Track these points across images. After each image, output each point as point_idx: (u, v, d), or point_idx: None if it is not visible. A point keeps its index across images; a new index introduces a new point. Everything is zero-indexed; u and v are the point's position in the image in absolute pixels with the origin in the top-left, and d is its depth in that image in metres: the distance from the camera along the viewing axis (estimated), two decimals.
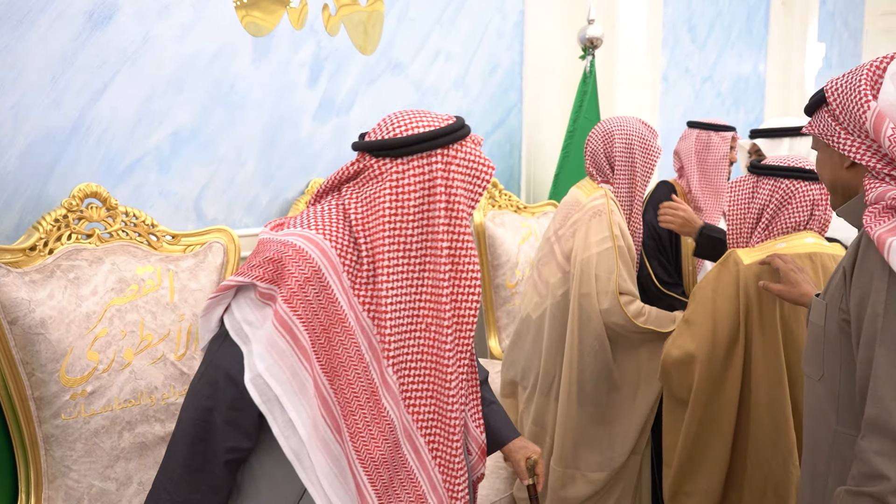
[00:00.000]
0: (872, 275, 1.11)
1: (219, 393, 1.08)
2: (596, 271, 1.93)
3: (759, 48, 5.75)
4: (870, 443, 1.07)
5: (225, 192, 2.11)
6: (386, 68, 2.58)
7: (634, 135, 2.08)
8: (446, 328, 1.15)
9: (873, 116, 1.12)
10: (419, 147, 1.13)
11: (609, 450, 2.01)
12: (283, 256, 1.09)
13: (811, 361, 1.28)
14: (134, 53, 1.86)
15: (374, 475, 1.11)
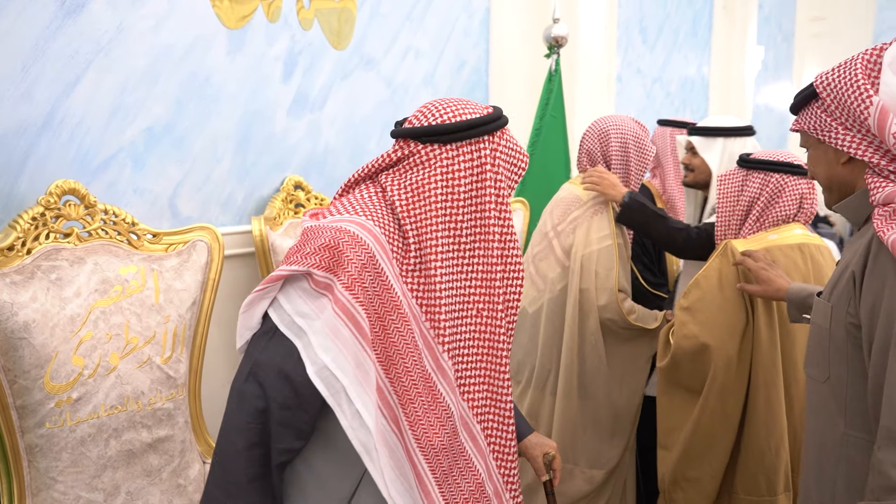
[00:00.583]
0: (885, 280, 1.09)
1: (271, 392, 1.03)
2: (596, 268, 1.96)
3: (704, 50, 5.93)
4: (887, 454, 1.05)
5: (200, 190, 2.04)
6: (358, 64, 2.54)
7: (629, 134, 2.12)
8: (500, 312, 1.14)
9: (877, 112, 1.10)
10: (470, 133, 1.12)
11: (608, 446, 2.04)
12: (339, 242, 1.05)
13: (816, 363, 1.26)
14: (108, 44, 1.77)
15: (435, 463, 1.08)
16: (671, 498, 1.79)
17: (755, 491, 1.77)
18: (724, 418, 1.71)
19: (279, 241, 2.05)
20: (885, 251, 1.10)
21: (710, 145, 2.28)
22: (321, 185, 2.43)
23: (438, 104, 1.16)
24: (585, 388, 2.03)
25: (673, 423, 1.78)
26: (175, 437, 1.63)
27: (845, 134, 1.17)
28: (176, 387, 1.63)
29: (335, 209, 1.14)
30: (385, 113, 2.68)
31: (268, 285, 1.07)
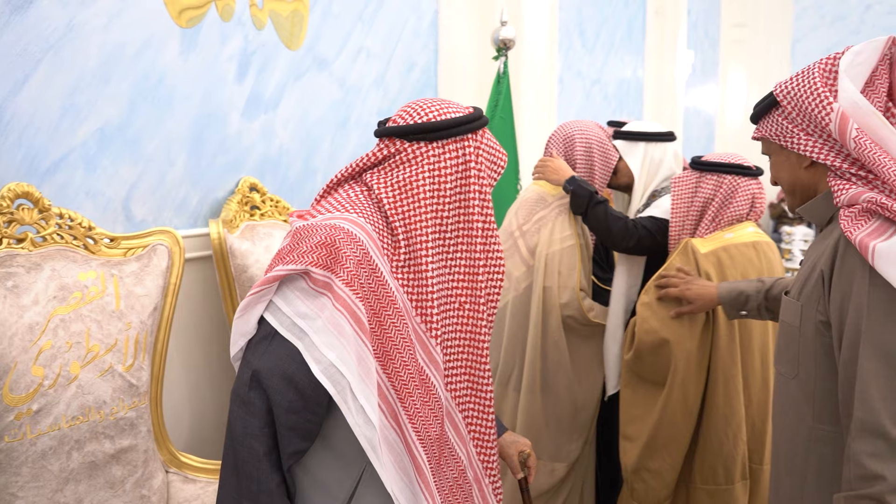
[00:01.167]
0: (853, 277, 1.13)
1: (276, 398, 1.02)
2: (559, 267, 2.01)
3: (638, 54, 6.12)
4: (861, 445, 1.09)
5: (154, 192, 1.98)
6: (311, 64, 2.52)
7: (594, 138, 2.19)
8: (482, 304, 1.16)
9: (837, 118, 1.14)
10: (455, 131, 1.14)
11: (568, 440, 2.09)
12: (335, 239, 1.05)
13: (785, 360, 1.30)
14: (57, 42, 1.71)
15: (430, 454, 1.10)
16: (633, 488, 1.86)
17: (713, 480, 1.85)
18: (685, 410, 1.78)
19: (237, 243, 2.02)
20: (852, 250, 1.14)
21: (632, 149, 2.33)
22: (276, 187, 2.40)
23: (422, 104, 1.18)
24: (548, 384, 2.09)
25: (635, 415, 1.85)
26: (138, 447, 1.58)
27: (807, 139, 1.22)
28: (138, 395, 1.59)
29: (323, 209, 1.14)
30: (338, 114, 2.67)
31: (263, 287, 1.06)
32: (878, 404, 1.09)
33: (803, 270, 1.30)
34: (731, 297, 1.70)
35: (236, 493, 1.04)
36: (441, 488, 1.12)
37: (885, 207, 1.12)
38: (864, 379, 1.10)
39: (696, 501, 1.86)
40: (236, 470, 1.04)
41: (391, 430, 1.08)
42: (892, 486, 1.07)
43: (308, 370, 1.02)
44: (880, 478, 1.07)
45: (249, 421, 1.03)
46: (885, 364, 1.10)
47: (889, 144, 1.15)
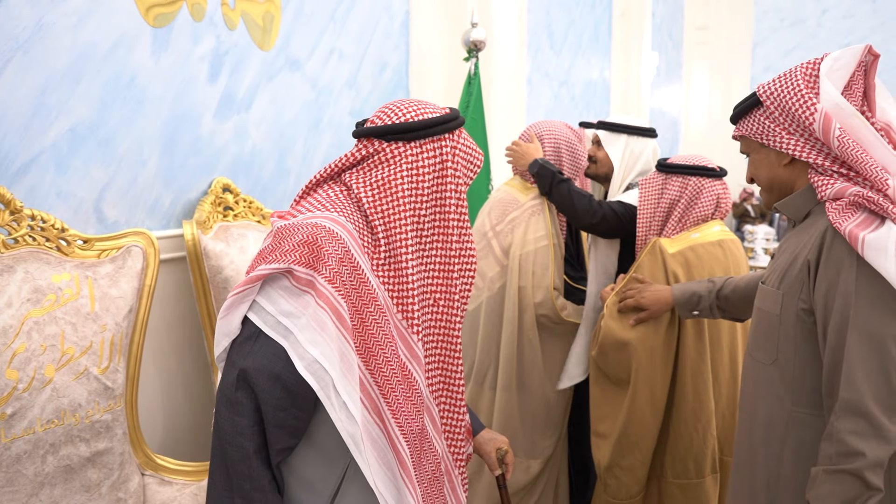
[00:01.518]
0: (840, 267, 1.19)
1: (264, 396, 1.02)
2: (533, 267, 2.04)
3: (605, 55, 6.21)
4: (845, 423, 1.15)
5: (126, 193, 1.96)
6: (284, 65, 2.52)
7: (562, 139, 2.22)
8: (457, 301, 1.19)
9: (821, 118, 1.21)
10: (433, 131, 1.16)
11: (542, 436, 2.13)
12: (317, 238, 1.06)
13: (762, 347, 1.35)
14: (26, 41, 1.69)
15: (412, 448, 1.12)
16: (606, 483, 1.90)
17: (684, 475, 1.90)
18: (653, 407, 1.83)
19: (211, 244, 2.01)
20: (839, 241, 1.21)
21: (614, 140, 2.37)
22: (249, 188, 2.39)
23: (400, 105, 1.20)
24: (523, 382, 2.12)
25: (605, 412, 1.89)
26: (114, 450, 1.57)
27: (789, 138, 1.28)
28: (114, 397, 1.58)
29: (303, 209, 1.15)
30: (311, 115, 2.67)
31: (246, 287, 1.06)
32: (863, 386, 1.16)
33: (781, 261, 1.35)
34: (685, 298, 1.76)
35: (228, 492, 1.04)
36: (421, 481, 1.14)
37: (871, 201, 1.19)
38: (851, 362, 1.17)
39: (668, 496, 1.91)
40: (226, 469, 1.04)
41: (374, 425, 1.09)
42: (871, 462, 1.14)
43: (294, 369, 1.03)
44: (860, 454, 1.14)
45: (238, 420, 1.03)
46: (871, 349, 1.17)
47: (869, 144, 1.23)
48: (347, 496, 1.10)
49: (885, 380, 1.17)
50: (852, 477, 1.15)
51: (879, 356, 1.17)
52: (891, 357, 1.17)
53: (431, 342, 1.20)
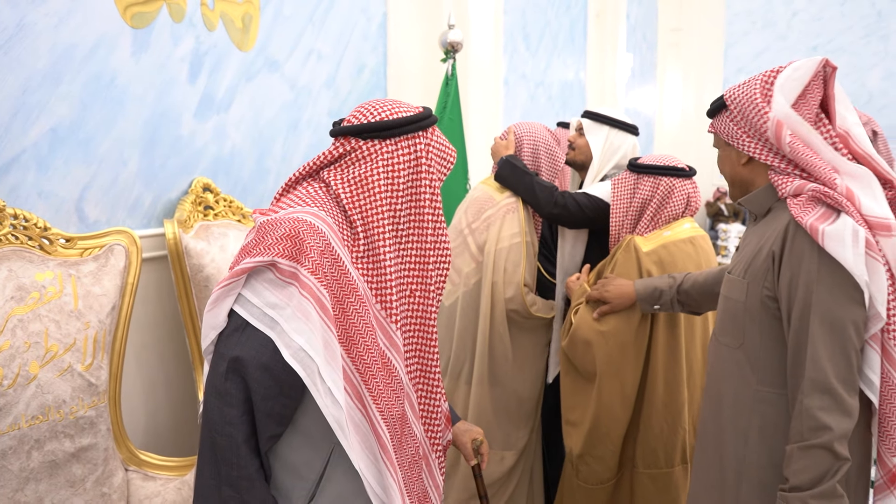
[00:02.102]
0: (802, 257, 1.30)
1: (253, 385, 1.06)
2: (505, 263, 2.09)
3: (580, 56, 6.29)
4: (812, 400, 1.26)
5: (107, 193, 1.98)
6: (263, 66, 2.55)
7: (541, 141, 2.28)
8: (433, 291, 1.23)
9: (773, 125, 1.32)
10: (407, 129, 1.21)
11: (515, 428, 2.18)
12: (299, 231, 1.10)
13: (729, 332, 1.46)
14: (7, 42, 1.70)
15: (392, 432, 1.16)
16: (578, 470, 1.96)
17: (654, 464, 1.97)
18: (622, 400, 1.90)
19: (192, 243, 2.03)
20: (801, 233, 1.31)
21: (596, 130, 2.41)
22: (229, 188, 2.42)
23: (375, 104, 1.24)
24: (495, 376, 2.17)
25: (575, 401, 1.96)
26: (98, 446, 1.59)
27: (749, 141, 1.39)
28: (98, 394, 1.60)
29: (284, 205, 1.19)
30: (290, 115, 2.70)
31: (231, 281, 1.09)
32: (826, 365, 1.26)
33: (746, 252, 1.45)
34: (647, 292, 1.85)
35: (215, 480, 1.07)
36: (402, 464, 1.19)
37: (828, 196, 1.30)
38: (815, 344, 1.27)
39: (638, 484, 1.98)
40: (214, 458, 1.07)
41: (356, 410, 1.13)
42: (838, 435, 1.24)
43: (281, 358, 1.07)
44: (828, 428, 1.24)
45: (227, 411, 1.06)
46: (832, 332, 1.27)
47: (817, 148, 1.34)
48: (332, 480, 1.14)
49: (846, 360, 1.27)
50: (823, 450, 1.24)
51: (840, 339, 1.27)
52: (850, 339, 1.27)
53: (409, 331, 1.25)
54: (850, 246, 1.24)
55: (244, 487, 1.07)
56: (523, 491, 2.27)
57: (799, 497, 1.26)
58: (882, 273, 1.27)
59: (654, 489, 1.95)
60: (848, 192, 1.30)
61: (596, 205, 2.18)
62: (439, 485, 1.33)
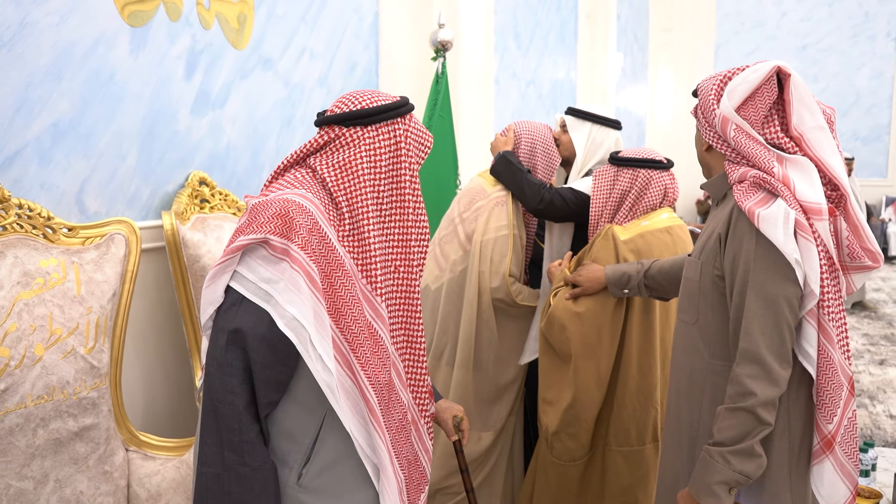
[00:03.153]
0: (742, 239, 1.40)
1: (252, 355, 1.13)
2: (492, 254, 2.18)
3: (571, 56, 6.38)
4: (742, 369, 1.37)
5: (107, 186, 2.05)
6: (257, 64, 2.62)
7: (538, 139, 2.37)
8: (415, 266, 1.32)
9: (720, 120, 1.45)
10: (386, 115, 1.30)
11: (494, 410, 2.26)
12: (288, 210, 1.18)
13: (686, 309, 1.57)
14: (10, 39, 1.77)
15: (381, 398, 1.24)
16: (552, 447, 2.05)
17: (626, 442, 2.06)
18: (597, 380, 1.98)
19: (189, 234, 2.10)
20: (743, 217, 1.41)
21: (579, 126, 2.47)
22: (224, 181, 2.49)
23: (356, 94, 1.33)
24: (479, 360, 2.26)
25: (551, 380, 2.04)
26: (100, 426, 1.67)
27: (708, 129, 1.51)
28: (99, 376, 1.67)
29: (273, 190, 1.27)
30: (283, 112, 2.77)
31: (227, 258, 1.17)
32: (758, 338, 1.36)
33: (703, 235, 1.57)
34: (616, 277, 1.95)
35: (218, 446, 1.15)
36: (390, 428, 1.27)
37: (765, 181, 1.41)
38: (749, 318, 1.38)
39: (610, 462, 2.07)
40: (217, 425, 1.15)
41: (346, 377, 1.21)
42: (762, 401, 1.35)
43: (276, 329, 1.14)
44: (753, 394, 1.35)
45: (228, 380, 1.14)
46: (766, 307, 1.37)
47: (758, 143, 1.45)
48: (326, 443, 1.22)
49: (778, 333, 1.37)
50: (747, 413, 1.36)
51: (773, 313, 1.37)
52: (783, 314, 1.37)
53: (394, 304, 1.33)
54: (781, 227, 1.34)
55: (246, 451, 1.14)
56: (500, 470, 2.35)
57: (719, 451, 1.38)
58: (814, 252, 1.37)
59: (626, 466, 2.04)
60: (784, 178, 1.40)
61: (580, 199, 2.26)
62: (429, 448, 1.41)
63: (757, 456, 1.37)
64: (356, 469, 1.23)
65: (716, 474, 1.37)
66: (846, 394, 1.40)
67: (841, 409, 1.40)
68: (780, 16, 10.41)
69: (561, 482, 2.05)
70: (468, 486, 1.61)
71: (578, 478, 2.05)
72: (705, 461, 1.40)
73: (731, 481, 1.36)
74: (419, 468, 1.38)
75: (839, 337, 1.40)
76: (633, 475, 2.04)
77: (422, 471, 1.39)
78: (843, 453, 1.41)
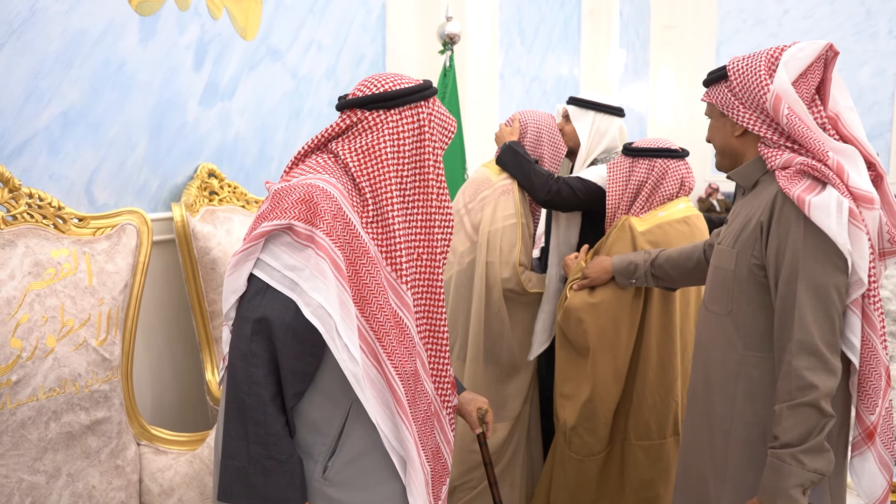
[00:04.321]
0: (789, 227, 1.36)
1: (279, 345, 1.10)
2: (500, 243, 2.14)
3: (574, 52, 6.35)
4: (800, 361, 1.32)
5: (116, 177, 2.02)
6: (265, 55, 2.59)
7: (544, 128, 2.34)
8: (438, 254, 1.29)
9: (773, 98, 1.38)
10: (410, 98, 1.26)
11: (509, 400, 2.23)
12: (312, 195, 1.14)
13: (718, 300, 1.52)
14: (20, 26, 1.74)
15: (407, 388, 1.21)
16: (570, 440, 2.02)
17: (647, 436, 2.03)
18: (615, 372, 1.95)
19: (199, 226, 2.08)
20: (789, 204, 1.37)
21: (582, 116, 2.43)
22: (232, 174, 2.46)
23: (378, 77, 1.29)
24: (490, 352, 2.23)
25: (569, 374, 2.01)
26: (112, 419, 1.64)
27: (745, 112, 1.44)
28: (111, 369, 1.64)
29: (294, 176, 1.23)
30: (291, 104, 2.74)
31: (250, 245, 1.13)
32: (812, 328, 1.33)
33: (735, 224, 1.52)
34: (622, 266, 1.92)
35: (243, 439, 1.11)
36: (416, 419, 1.24)
37: (815, 169, 1.37)
38: (801, 309, 1.34)
39: (630, 456, 2.04)
40: (242, 417, 1.11)
41: (372, 366, 1.18)
42: (823, 393, 1.31)
43: (302, 317, 1.11)
44: (815, 387, 1.31)
45: (253, 371, 1.10)
46: (816, 296, 1.34)
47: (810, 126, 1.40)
48: (352, 435, 1.19)
49: (829, 323, 1.34)
50: (810, 408, 1.31)
51: (824, 302, 1.34)
52: (833, 303, 1.34)
53: (417, 293, 1.30)
54: (834, 216, 1.31)
55: (272, 443, 1.11)
56: (518, 461, 2.32)
57: (789, 453, 1.32)
58: (864, 242, 1.34)
59: (647, 460, 2.02)
60: (838, 167, 1.36)
61: (589, 188, 2.23)
62: (450, 440, 1.38)
63: (826, 451, 1.32)
64: (382, 461, 1.20)
65: (791, 478, 1.31)
66: (884, 384, 1.38)
67: (882, 400, 1.38)
68: (782, 13, 10.39)
69: (579, 477, 2.02)
70: (492, 479, 1.57)
71: (597, 473, 2.03)
72: (775, 466, 1.34)
73: (806, 482, 1.31)
74: (441, 460, 1.35)
75: (881, 326, 1.38)
76: (654, 469, 2.02)
77: (443, 463, 1.36)
78: (882, 445, 1.39)
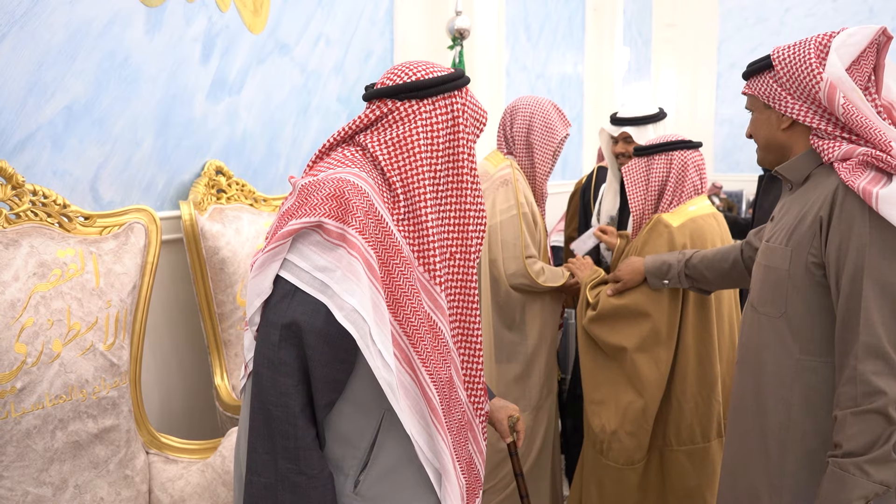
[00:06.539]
0: (852, 221, 1.28)
1: (309, 352, 1.02)
2: (502, 237, 2.07)
3: (578, 50, 6.29)
4: (866, 365, 1.24)
5: (121, 173, 1.94)
6: (273, 49, 2.51)
7: (537, 114, 2.24)
8: (472, 253, 1.20)
9: (826, 87, 1.30)
10: (444, 87, 1.17)
11: (528, 389, 2.16)
12: (343, 191, 1.05)
13: (771, 301, 1.43)
14: (22, 16, 1.66)
15: (441, 396, 1.13)
16: (609, 447, 1.93)
17: (690, 440, 1.93)
18: (658, 376, 1.86)
19: (208, 225, 2.00)
20: (850, 197, 1.29)
21: (644, 132, 2.42)
22: (240, 171, 2.38)
23: (408, 65, 1.21)
24: (501, 352, 2.15)
25: (599, 380, 1.93)
26: (120, 427, 1.56)
27: (794, 103, 1.36)
28: (119, 374, 1.56)
29: (320, 170, 1.15)
30: (299, 99, 2.66)
31: (277, 245, 1.05)
32: (879, 329, 1.24)
33: (786, 221, 1.43)
34: (655, 267, 1.84)
35: (270, 454, 1.03)
36: (450, 429, 1.16)
37: (880, 160, 1.28)
38: (868, 309, 1.25)
39: (672, 463, 1.94)
40: (269, 431, 1.03)
41: (406, 374, 1.10)
42: (892, 399, 1.23)
43: (334, 322, 1.03)
44: (883, 393, 1.22)
45: (281, 380, 1.02)
46: (882, 295, 1.26)
47: (868, 114, 1.32)
48: (384, 447, 1.11)
49: None
50: (877, 415, 1.23)
51: (892, 302, 1.26)
52: None
53: (450, 294, 1.22)
54: None
55: (302, 458, 1.02)
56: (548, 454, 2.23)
57: (854, 462, 1.24)
58: None
59: (691, 466, 1.92)
60: None
61: None
62: (483, 451, 1.30)
63: (893, 461, 1.24)
64: (417, 475, 1.12)
65: (855, 489, 1.23)
66: None
67: None
68: (784, 11, 10.33)
69: (618, 489, 1.91)
70: (523, 491, 1.49)
71: (637, 483, 1.92)
72: (837, 476, 1.26)
73: (870, 494, 1.23)
74: (474, 472, 1.27)
75: None
76: (700, 475, 1.92)
77: (476, 475, 1.28)
78: None
